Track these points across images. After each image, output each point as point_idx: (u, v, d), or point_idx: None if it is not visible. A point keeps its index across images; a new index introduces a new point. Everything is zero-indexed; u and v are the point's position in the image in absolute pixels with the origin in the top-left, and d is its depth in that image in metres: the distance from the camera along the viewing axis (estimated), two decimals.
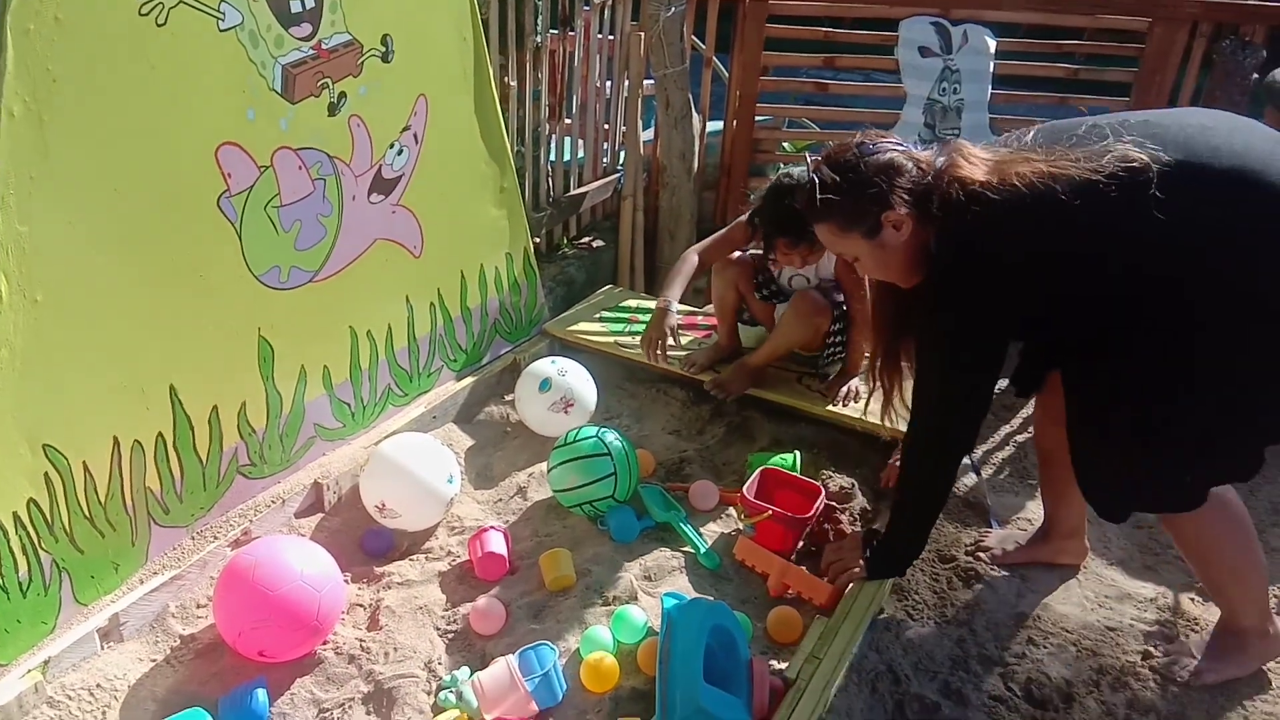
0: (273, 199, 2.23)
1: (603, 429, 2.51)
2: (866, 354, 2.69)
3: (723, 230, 2.91)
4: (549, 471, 2.50)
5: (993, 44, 3.48)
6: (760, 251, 2.83)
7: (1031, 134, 1.88)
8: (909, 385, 2.06)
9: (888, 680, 2.00)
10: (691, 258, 2.84)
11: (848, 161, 1.93)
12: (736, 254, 2.88)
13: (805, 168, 2.04)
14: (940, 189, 1.84)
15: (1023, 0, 3.58)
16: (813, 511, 2.32)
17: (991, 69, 3.50)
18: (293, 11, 2.18)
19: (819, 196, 1.92)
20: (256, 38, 2.11)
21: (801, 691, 1.85)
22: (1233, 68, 3.19)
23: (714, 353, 2.98)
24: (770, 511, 2.28)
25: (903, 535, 2.12)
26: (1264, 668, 2.11)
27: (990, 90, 3.53)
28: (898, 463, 2.21)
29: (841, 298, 2.80)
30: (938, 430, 1.99)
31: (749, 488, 2.36)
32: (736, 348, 3.02)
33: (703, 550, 2.34)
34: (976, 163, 1.83)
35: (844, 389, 2.79)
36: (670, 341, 2.80)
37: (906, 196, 1.88)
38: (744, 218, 2.83)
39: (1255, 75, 3.22)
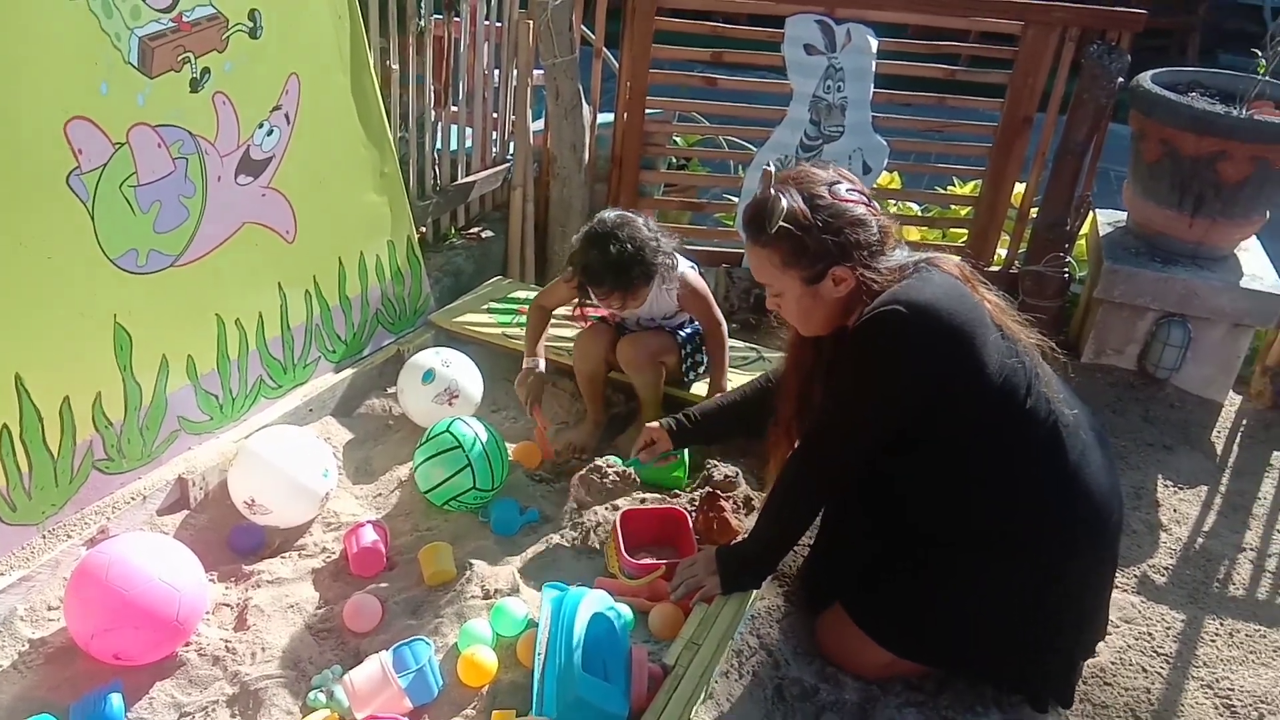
0: (129, 178, 2.12)
1: (456, 420, 2.42)
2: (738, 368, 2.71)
3: (552, 282, 2.77)
4: (414, 470, 2.43)
5: (874, 43, 3.55)
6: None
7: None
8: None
9: (767, 665, 2.01)
10: (540, 313, 2.73)
11: (821, 200, 1.79)
12: (593, 323, 2.77)
13: (767, 186, 1.85)
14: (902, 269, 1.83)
15: (903, 1, 3.66)
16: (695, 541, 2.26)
17: (873, 68, 3.57)
18: None
19: (778, 223, 1.77)
20: (110, 7, 2.00)
21: (680, 678, 1.85)
22: (1099, 72, 3.31)
23: (591, 429, 2.78)
24: (663, 567, 2.15)
25: (762, 541, 2.07)
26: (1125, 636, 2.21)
27: (872, 89, 3.60)
28: None
29: (685, 321, 2.77)
30: (831, 457, 1.92)
31: (620, 547, 2.19)
32: (607, 422, 2.85)
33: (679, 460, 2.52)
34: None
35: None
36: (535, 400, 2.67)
37: (864, 256, 1.79)
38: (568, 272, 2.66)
39: (1120, 80, 3.36)
